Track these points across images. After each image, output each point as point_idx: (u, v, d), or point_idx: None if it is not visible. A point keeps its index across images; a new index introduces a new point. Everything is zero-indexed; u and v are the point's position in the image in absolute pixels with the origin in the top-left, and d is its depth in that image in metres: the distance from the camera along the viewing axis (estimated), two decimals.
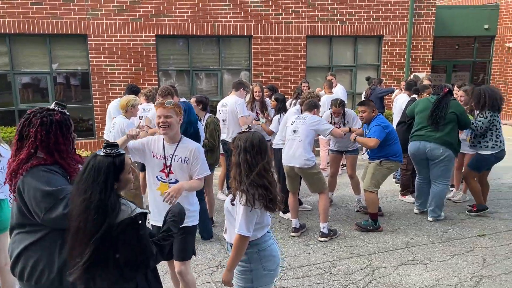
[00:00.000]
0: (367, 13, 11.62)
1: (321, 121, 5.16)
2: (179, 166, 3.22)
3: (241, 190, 2.58)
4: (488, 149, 5.45)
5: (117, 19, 9.69)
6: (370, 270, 4.34)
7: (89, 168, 2.08)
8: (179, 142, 3.26)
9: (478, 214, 5.64)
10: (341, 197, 6.53)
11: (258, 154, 2.63)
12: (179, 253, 3.34)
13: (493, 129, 5.44)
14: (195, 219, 3.39)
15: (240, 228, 2.56)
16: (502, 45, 14.56)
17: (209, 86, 11.14)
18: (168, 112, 3.16)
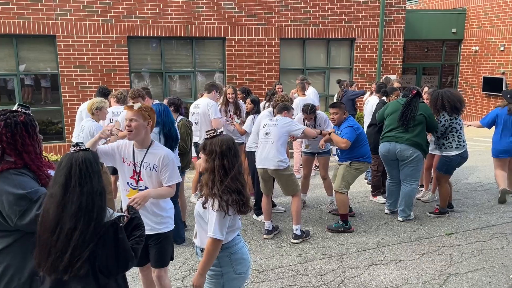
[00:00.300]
0: (340, 16, 11.79)
1: (293, 122, 5.19)
2: (148, 174, 3.13)
3: (213, 195, 2.56)
4: (453, 150, 5.61)
5: (87, 20, 9.50)
6: (341, 270, 4.39)
7: (76, 163, 2.05)
8: (149, 148, 3.16)
9: (439, 216, 5.79)
10: (314, 198, 6.59)
11: (234, 157, 2.64)
12: (157, 260, 3.29)
13: (453, 131, 5.59)
14: (170, 225, 3.32)
15: (214, 231, 2.54)
16: (469, 49, 15.04)
17: (183, 88, 11.06)
18: (133, 116, 3.05)
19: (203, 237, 2.68)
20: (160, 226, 3.23)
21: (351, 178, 5.36)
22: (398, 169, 5.64)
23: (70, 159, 2.07)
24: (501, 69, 13.87)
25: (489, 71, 14.29)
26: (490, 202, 6.33)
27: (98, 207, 2.05)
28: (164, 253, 3.30)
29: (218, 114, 6.08)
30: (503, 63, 13.81)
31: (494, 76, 14.04)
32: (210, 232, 2.55)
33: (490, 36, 14.18)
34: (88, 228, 2.00)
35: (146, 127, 3.11)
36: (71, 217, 1.99)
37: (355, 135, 5.21)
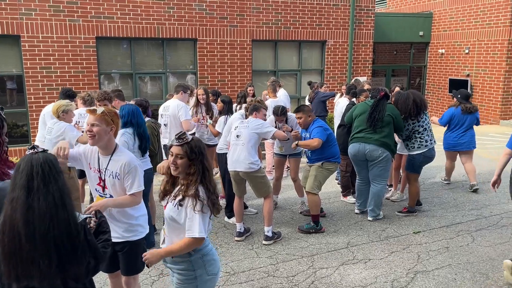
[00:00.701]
0: (311, 18, 11.92)
1: (264, 124, 5.18)
2: (111, 182, 3.02)
3: (191, 196, 2.54)
4: (415, 149, 5.75)
5: (53, 19, 9.26)
6: (312, 271, 4.42)
7: (37, 164, 1.97)
8: (113, 154, 3.03)
9: (407, 215, 5.91)
10: (286, 200, 6.62)
11: (208, 158, 2.70)
12: (126, 268, 3.21)
13: (416, 133, 5.74)
14: (139, 233, 3.20)
15: (200, 231, 2.51)
16: (436, 51, 15.48)
17: (154, 90, 10.92)
18: (95, 121, 2.91)
19: (174, 241, 2.64)
20: (128, 234, 3.14)
21: (322, 179, 5.41)
22: (367, 169, 5.73)
23: (29, 161, 1.99)
24: (466, 71, 14.34)
25: (455, 73, 14.74)
26: (456, 201, 6.52)
27: (69, 205, 1.99)
28: (133, 261, 3.19)
29: (189, 115, 6.02)
30: (468, 65, 14.28)
31: (459, 78, 14.50)
32: (196, 233, 2.50)
33: (456, 39, 14.64)
34: (62, 227, 1.93)
35: (109, 132, 2.97)
36: (42, 218, 1.91)
37: (325, 135, 5.26)
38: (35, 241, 1.90)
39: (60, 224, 1.94)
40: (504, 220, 5.70)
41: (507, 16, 12.80)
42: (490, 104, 13.64)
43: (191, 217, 2.53)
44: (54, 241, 1.92)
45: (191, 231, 2.52)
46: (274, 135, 5.18)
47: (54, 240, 1.92)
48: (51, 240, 1.91)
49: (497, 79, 13.32)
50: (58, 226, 1.93)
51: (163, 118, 6.09)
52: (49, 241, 1.91)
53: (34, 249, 1.91)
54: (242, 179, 5.17)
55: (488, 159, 9.06)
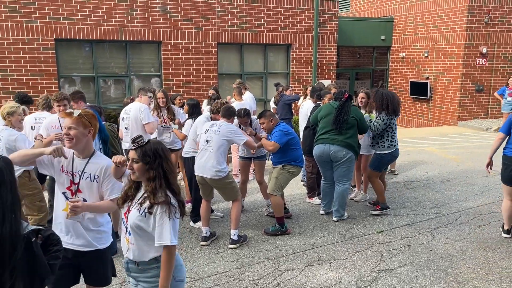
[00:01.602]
0: (275, 22, 12.01)
1: (236, 132, 5.09)
2: (88, 185, 2.91)
3: (162, 203, 2.46)
4: (385, 149, 5.89)
5: (9, 20, 8.89)
6: (278, 273, 4.42)
7: None
8: (91, 157, 2.94)
9: (381, 213, 6.03)
10: (252, 202, 6.60)
11: (171, 160, 2.63)
12: (96, 279, 3.06)
13: (389, 131, 5.89)
14: (106, 240, 3.07)
15: (172, 239, 2.44)
16: (397, 55, 15.94)
17: (117, 93, 10.68)
18: (72, 123, 2.81)
19: (144, 250, 2.55)
20: (97, 242, 2.99)
21: (284, 181, 5.43)
22: (332, 170, 5.80)
23: None
24: (425, 74, 14.83)
25: (415, 76, 15.23)
26: (417, 200, 6.71)
27: (9, 219, 1.86)
28: (101, 270, 3.07)
29: (151, 118, 5.91)
30: (427, 68, 14.79)
31: (419, 80, 14.98)
32: (167, 241, 2.43)
33: (416, 43, 15.13)
34: (3, 245, 1.82)
35: (87, 135, 2.88)
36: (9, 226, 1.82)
37: (285, 139, 5.27)
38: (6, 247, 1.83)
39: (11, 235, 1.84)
40: (462, 218, 5.91)
41: (463, 21, 13.35)
42: (449, 106, 14.16)
43: (160, 225, 2.45)
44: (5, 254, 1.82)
45: (162, 239, 2.45)
46: (246, 144, 5.14)
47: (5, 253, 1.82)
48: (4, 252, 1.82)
49: (454, 81, 13.86)
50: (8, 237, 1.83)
51: (124, 121, 5.95)
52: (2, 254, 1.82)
53: None
54: (208, 183, 5.10)
55: (447, 159, 9.39)
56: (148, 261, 2.57)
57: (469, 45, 13.43)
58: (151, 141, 2.61)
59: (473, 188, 7.18)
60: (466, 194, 6.95)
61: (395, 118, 5.97)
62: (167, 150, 2.64)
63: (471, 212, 6.10)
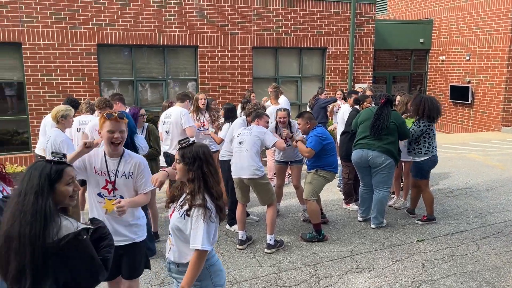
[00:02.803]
0: (311, 25, 11.93)
1: (266, 132, 5.17)
2: (124, 182, 3.03)
3: (199, 205, 2.48)
4: (422, 155, 5.70)
5: (55, 27, 9.26)
6: (315, 280, 4.35)
7: (27, 172, 2.01)
8: (122, 156, 3.06)
9: (426, 223, 5.84)
10: (288, 207, 6.56)
11: (213, 163, 2.63)
12: (130, 272, 3.17)
13: (426, 137, 5.71)
14: (143, 234, 3.21)
15: (203, 243, 2.44)
16: (436, 58, 15.49)
17: (154, 97, 10.90)
18: (122, 127, 2.97)
19: (183, 252, 2.57)
20: (134, 235, 3.13)
21: (318, 186, 5.36)
22: (370, 176, 5.68)
23: (31, 167, 2.01)
24: (467, 78, 14.33)
25: (456, 80, 14.74)
26: (460, 208, 6.46)
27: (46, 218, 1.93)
28: (138, 264, 3.19)
29: (192, 122, 5.98)
30: (468, 72, 14.28)
31: (460, 84, 14.49)
32: (198, 244, 2.44)
33: (456, 46, 14.65)
34: (31, 240, 1.89)
35: None
36: (18, 227, 1.91)
37: (320, 145, 5.21)
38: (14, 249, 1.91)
39: (33, 237, 1.90)
40: (509, 228, 5.64)
41: (508, 23, 12.82)
42: (492, 111, 13.61)
43: (195, 228, 2.47)
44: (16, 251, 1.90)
45: (194, 242, 2.46)
46: (275, 145, 5.14)
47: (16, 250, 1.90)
48: (14, 250, 1.90)
49: (498, 85, 13.31)
50: (32, 238, 1.90)
51: (164, 125, 6.05)
52: (10, 250, 1.90)
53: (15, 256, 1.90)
54: (246, 186, 5.12)
55: (491, 166, 9.02)
56: (186, 263, 2.57)
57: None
58: (194, 143, 2.64)
59: None
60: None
61: (433, 124, 5.76)
62: (209, 153, 2.62)
63: None
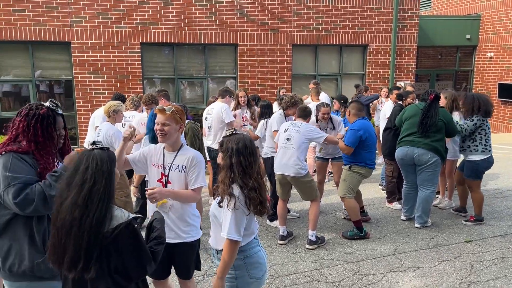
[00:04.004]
0: (352, 22, 11.74)
1: (315, 130, 5.10)
2: (177, 175, 3.05)
3: (229, 194, 2.51)
4: (479, 153, 5.45)
5: (101, 26, 9.59)
6: (358, 277, 4.29)
7: (87, 160, 2.02)
8: (179, 150, 3.10)
9: (475, 223, 5.64)
10: (328, 205, 6.49)
11: (251, 155, 2.60)
12: (183, 272, 3.20)
13: (482, 133, 5.46)
14: (195, 233, 3.17)
15: (229, 232, 2.47)
16: (484, 55, 14.86)
17: (194, 94, 11.08)
18: (166, 120, 2.99)
19: (218, 238, 2.62)
20: (185, 234, 3.11)
21: (353, 183, 5.24)
22: (415, 174, 5.52)
23: (82, 156, 2.05)
24: None
25: (505, 77, 14.07)
26: (510, 210, 6.17)
27: (96, 206, 1.97)
28: (189, 263, 3.19)
29: (232, 117, 6.04)
30: None
31: (509, 82, 13.82)
32: (225, 233, 2.48)
33: (506, 42, 13.99)
34: (91, 227, 1.94)
35: (178, 130, 3.07)
36: (66, 214, 1.96)
37: (356, 139, 5.08)
38: (60, 232, 1.97)
39: (89, 224, 1.94)
40: None
41: None
42: None
43: (225, 216, 2.51)
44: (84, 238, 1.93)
45: (224, 231, 2.50)
46: (327, 140, 5.09)
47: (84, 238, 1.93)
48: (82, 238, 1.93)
49: None
50: (78, 225, 1.94)
51: (207, 121, 6.14)
52: (80, 238, 1.93)
53: (71, 243, 1.95)
54: (288, 183, 5.10)
55: None
56: (221, 250, 2.59)
57: None
58: (236, 134, 2.65)
59: None
60: None
61: (488, 121, 5.54)
62: (247, 145, 2.59)
63: None
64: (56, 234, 1.99)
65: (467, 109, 5.52)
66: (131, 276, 2.07)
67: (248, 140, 2.66)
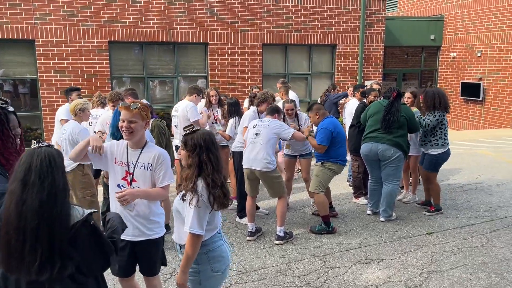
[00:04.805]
0: (321, 22, 11.93)
1: (283, 126, 5.18)
2: (142, 174, 3.01)
3: (192, 191, 2.53)
4: (439, 147, 5.70)
5: (67, 24, 9.40)
6: (325, 270, 4.39)
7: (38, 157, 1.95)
8: (144, 148, 3.04)
9: (434, 214, 5.87)
10: (297, 201, 6.59)
11: (217, 150, 2.64)
12: (148, 269, 3.18)
13: (442, 127, 5.71)
14: (160, 230, 3.16)
15: (192, 226, 2.50)
16: (447, 55, 15.38)
17: (165, 94, 11.00)
18: (132, 117, 2.91)
19: (181, 233, 2.65)
20: (150, 232, 3.10)
21: (324, 179, 5.37)
22: (379, 169, 5.69)
23: (30, 155, 1.97)
24: (478, 74, 14.21)
25: (467, 76, 14.62)
26: (470, 202, 6.44)
27: (61, 202, 1.95)
28: (154, 261, 3.18)
29: (198, 115, 6.04)
30: (480, 68, 14.16)
31: (471, 81, 14.37)
32: (187, 227, 2.51)
33: (467, 43, 14.53)
34: (53, 225, 1.90)
35: (144, 127, 3.01)
36: (32, 214, 1.89)
37: (329, 137, 5.22)
38: (25, 236, 1.89)
39: (50, 222, 1.90)
40: None
41: None
42: (503, 108, 13.48)
43: (188, 211, 2.53)
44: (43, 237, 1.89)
45: (186, 225, 2.53)
46: (293, 136, 5.17)
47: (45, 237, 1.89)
48: (40, 237, 1.89)
49: (510, 82, 13.17)
50: (48, 223, 1.90)
51: (174, 119, 6.13)
52: (37, 238, 1.89)
53: (23, 243, 1.89)
54: (256, 178, 5.16)
55: (502, 162, 8.95)
56: (184, 244, 2.62)
57: None
58: (198, 131, 2.65)
59: None
60: None
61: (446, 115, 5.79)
62: (211, 141, 2.62)
63: None
64: (15, 238, 1.89)
65: (428, 105, 5.74)
66: (93, 269, 2.06)
67: (212, 134, 2.70)
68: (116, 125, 4.62)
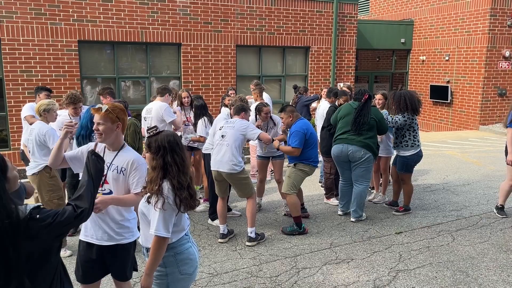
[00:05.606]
0: (294, 24, 12.03)
1: (249, 126, 5.17)
2: (115, 177, 2.96)
3: (157, 194, 2.50)
4: (408, 148, 5.82)
5: (35, 22, 9.14)
6: (295, 271, 4.42)
7: None
8: (120, 151, 3.01)
9: (403, 214, 6.01)
10: (270, 202, 6.62)
11: (182, 150, 2.62)
12: (119, 274, 3.12)
13: (411, 130, 5.84)
14: (131, 235, 3.10)
15: (157, 229, 2.47)
16: (417, 58, 15.77)
17: (137, 94, 10.85)
18: (100, 119, 2.89)
19: (147, 235, 2.61)
20: (119, 236, 3.03)
21: (297, 180, 5.41)
22: (350, 170, 5.78)
23: None
24: (446, 77, 14.63)
25: (436, 79, 15.03)
26: (437, 202, 6.61)
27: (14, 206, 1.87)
28: (124, 267, 3.12)
29: (173, 116, 5.98)
30: (448, 72, 14.58)
31: (440, 84, 14.78)
32: (153, 230, 2.48)
33: (436, 46, 14.94)
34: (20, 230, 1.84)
35: (116, 129, 2.95)
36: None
37: (302, 139, 5.26)
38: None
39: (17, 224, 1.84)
40: (484, 221, 5.80)
41: (486, 24, 13.13)
42: (470, 110, 13.92)
43: (153, 214, 2.51)
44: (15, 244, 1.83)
45: (152, 227, 2.50)
46: (260, 137, 5.17)
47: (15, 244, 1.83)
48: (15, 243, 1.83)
49: (476, 85, 13.62)
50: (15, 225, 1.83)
51: (146, 121, 6.04)
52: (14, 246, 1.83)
53: None
54: (224, 180, 5.14)
55: (468, 163, 9.23)
56: None
57: (491, 48, 13.20)
58: (162, 132, 2.63)
59: (495, 192, 7.03)
60: (488, 197, 6.83)
61: (416, 117, 5.92)
62: (176, 142, 2.60)
63: (492, 215, 5.98)
64: None
65: (396, 107, 5.87)
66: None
67: (176, 135, 2.68)
68: (83, 124, 4.55)
